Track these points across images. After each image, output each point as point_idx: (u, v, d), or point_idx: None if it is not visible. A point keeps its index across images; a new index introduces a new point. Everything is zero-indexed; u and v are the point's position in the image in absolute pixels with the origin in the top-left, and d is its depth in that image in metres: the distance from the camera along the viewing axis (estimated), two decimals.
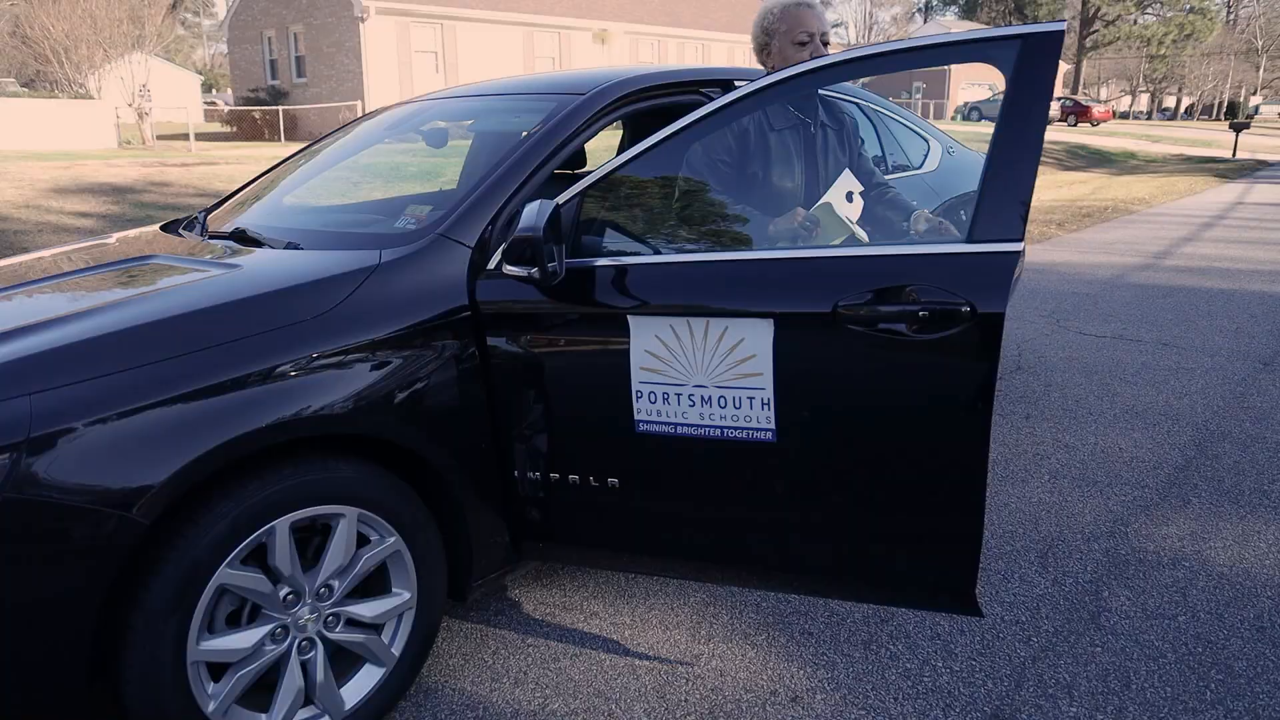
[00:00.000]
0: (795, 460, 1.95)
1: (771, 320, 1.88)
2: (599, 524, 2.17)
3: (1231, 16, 68.34)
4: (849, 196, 2.15)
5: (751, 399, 1.93)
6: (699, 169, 2.36)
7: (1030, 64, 1.82)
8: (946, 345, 1.79)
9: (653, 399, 2.01)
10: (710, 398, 1.96)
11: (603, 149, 3.18)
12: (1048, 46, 1.81)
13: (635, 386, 2.01)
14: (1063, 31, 1.82)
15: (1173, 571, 2.75)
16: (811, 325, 1.86)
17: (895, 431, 1.87)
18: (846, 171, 2.26)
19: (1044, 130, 1.81)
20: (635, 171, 2.16)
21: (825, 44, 2.53)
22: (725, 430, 1.97)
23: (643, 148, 2.10)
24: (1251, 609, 2.54)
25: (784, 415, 1.92)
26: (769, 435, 1.95)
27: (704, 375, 1.95)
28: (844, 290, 1.85)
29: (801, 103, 2.49)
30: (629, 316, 1.99)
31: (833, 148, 2.50)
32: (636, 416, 2.03)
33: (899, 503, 1.92)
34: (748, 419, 1.95)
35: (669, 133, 2.09)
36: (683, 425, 2.00)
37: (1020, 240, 1.76)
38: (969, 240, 1.80)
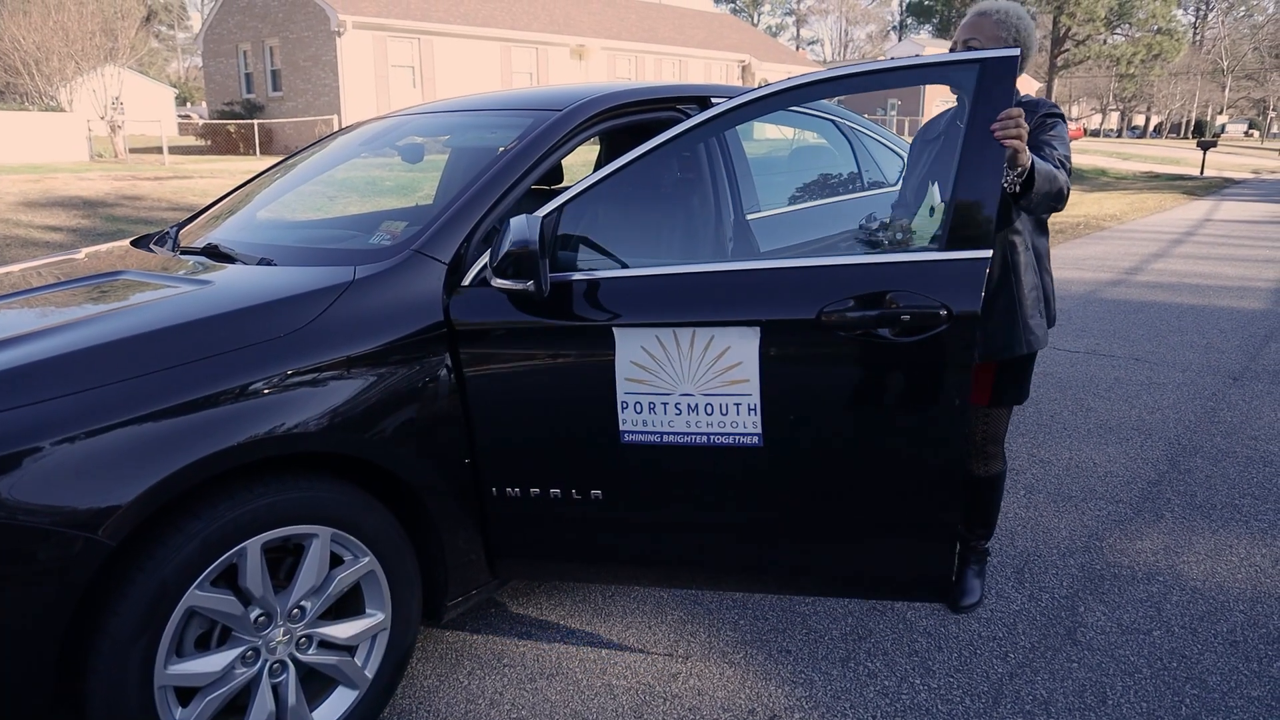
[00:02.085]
0: (781, 462, 2.00)
1: (758, 328, 1.93)
2: (581, 537, 2.16)
3: (1198, 37, 69.80)
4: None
5: (738, 405, 1.97)
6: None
7: (990, 85, 1.94)
8: (926, 346, 1.89)
9: (638, 409, 2.02)
10: (697, 405, 1.99)
11: (580, 164, 3.19)
12: (1005, 69, 1.94)
13: (620, 397, 2.02)
14: (1018, 56, 1.95)
15: (1147, 586, 2.76)
16: (796, 332, 1.93)
17: (879, 429, 1.95)
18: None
19: (1005, 146, 1.92)
20: (613, 187, 2.16)
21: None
22: (712, 437, 2.00)
23: (621, 163, 2.11)
24: (1225, 623, 2.56)
25: (770, 419, 1.97)
26: (755, 440, 1.99)
27: (690, 384, 1.98)
28: (827, 297, 1.93)
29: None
30: (614, 328, 2.00)
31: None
32: (622, 427, 2.04)
33: (881, 498, 1.99)
34: (734, 425, 1.99)
35: (646, 149, 2.10)
36: (669, 434, 2.02)
37: (989, 247, 1.89)
38: (942, 249, 1.91)
